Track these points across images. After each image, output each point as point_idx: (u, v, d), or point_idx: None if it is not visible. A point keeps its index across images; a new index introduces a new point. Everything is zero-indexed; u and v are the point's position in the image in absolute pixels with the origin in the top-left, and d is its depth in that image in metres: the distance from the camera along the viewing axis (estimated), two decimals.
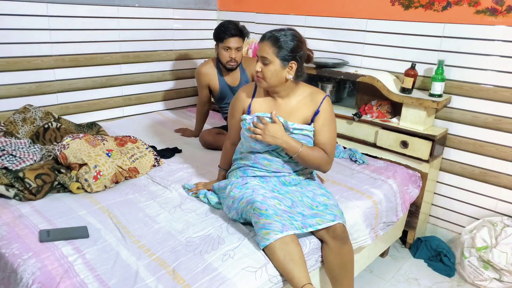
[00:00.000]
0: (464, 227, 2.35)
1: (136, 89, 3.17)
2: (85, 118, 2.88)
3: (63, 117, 2.59)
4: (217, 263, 1.42)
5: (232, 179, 1.79)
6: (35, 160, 2.01)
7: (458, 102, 2.35)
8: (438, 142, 2.30)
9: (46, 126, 2.39)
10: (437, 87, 2.26)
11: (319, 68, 2.62)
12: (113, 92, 3.03)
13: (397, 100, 2.34)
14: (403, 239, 2.56)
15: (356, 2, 2.66)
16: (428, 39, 2.39)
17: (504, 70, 2.15)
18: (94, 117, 2.93)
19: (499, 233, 2.12)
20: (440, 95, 2.28)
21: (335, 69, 2.58)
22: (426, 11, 2.37)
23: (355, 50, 2.74)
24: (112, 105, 3.05)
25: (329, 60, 2.70)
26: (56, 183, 1.87)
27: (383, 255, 2.42)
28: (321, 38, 2.90)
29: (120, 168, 2.02)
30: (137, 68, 3.12)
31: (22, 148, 2.05)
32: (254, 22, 3.29)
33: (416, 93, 2.38)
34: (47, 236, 1.50)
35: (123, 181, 2.04)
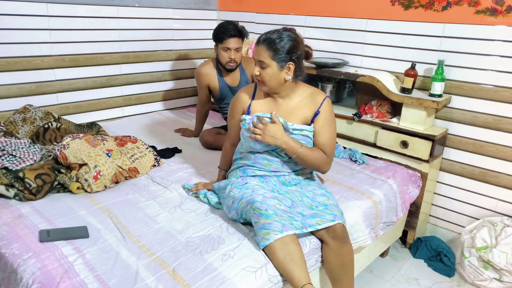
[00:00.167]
0: (464, 227, 2.35)
1: (136, 89, 3.17)
2: (85, 118, 2.88)
3: (63, 117, 2.59)
4: (217, 263, 1.42)
5: (232, 179, 1.79)
6: (35, 160, 2.01)
7: (458, 102, 2.35)
8: (438, 142, 2.30)
9: (46, 126, 2.39)
10: (437, 87, 2.26)
11: (319, 68, 2.62)
12: (113, 92, 3.03)
13: (397, 100, 2.35)
14: (403, 239, 2.56)
15: (356, 2, 2.66)
16: (428, 39, 2.39)
17: (504, 70, 2.15)
18: (94, 117, 2.93)
19: (499, 233, 2.12)
20: (440, 95, 2.28)
21: (335, 69, 2.58)
22: (426, 11, 2.37)
23: (355, 50, 2.74)
24: (112, 105, 3.05)
25: (329, 60, 2.70)
26: (56, 183, 1.87)
27: (383, 255, 2.42)
28: (321, 38, 2.90)
29: (120, 168, 2.02)
30: (137, 68, 3.12)
31: (22, 148, 2.05)
32: (254, 22, 3.29)
33: (416, 93, 2.38)
34: (47, 236, 1.50)
35: (123, 181, 2.04)
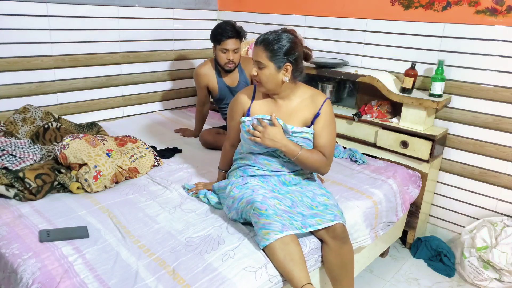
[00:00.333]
0: (464, 227, 2.35)
1: (136, 89, 3.17)
2: (85, 118, 2.88)
3: (63, 117, 2.59)
4: (217, 263, 1.42)
5: (232, 179, 1.79)
6: (35, 160, 2.01)
7: (458, 102, 2.35)
8: (438, 142, 2.30)
9: (46, 126, 2.39)
10: (437, 87, 2.26)
11: (319, 68, 2.62)
12: (113, 92, 3.03)
13: (397, 100, 2.35)
14: (403, 239, 2.56)
15: (356, 2, 2.66)
16: (428, 39, 2.39)
17: (504, 70, 2.15)
18: (94, 117, 2.93)
19: (499, 233, 2.12)
20: (440, 95, 2.28)
21: (335, 69, 2.58)
22: (426, 11, 2.37)
23: (355, 50, 2.74)
24: (112, 105, 3.05)
25: (329, 60, 2.70)
26: (56, 183, 1.87)
27: (383, 255, 2.42)
28: (321, 38, 2.90)
29: (120, 168, 2.02)
30: (137, 68, 3.12)
31: (22, 148, 2.05)
32: (254, 22, 3.29)
33: (416, 93, 2.38)
34: (47, 236, 1.50)
35: (123, 181, 2.04)
